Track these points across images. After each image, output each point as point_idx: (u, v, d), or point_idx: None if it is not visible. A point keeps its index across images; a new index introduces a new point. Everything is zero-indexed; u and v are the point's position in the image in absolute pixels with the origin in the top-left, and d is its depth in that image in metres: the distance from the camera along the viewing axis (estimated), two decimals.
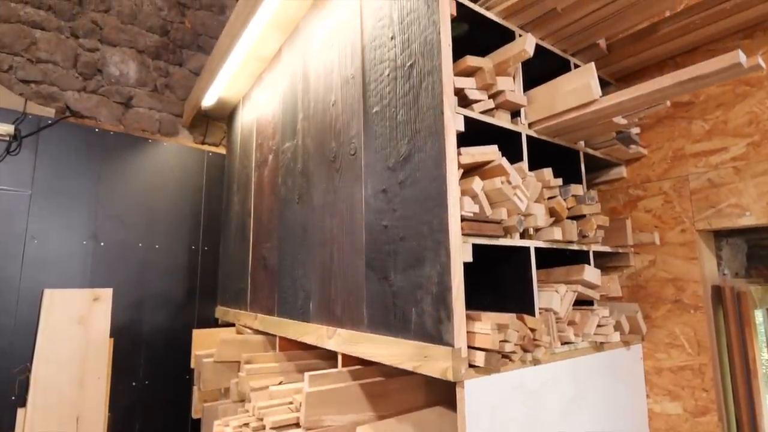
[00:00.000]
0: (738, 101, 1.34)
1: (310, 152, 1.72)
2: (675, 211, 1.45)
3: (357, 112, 1.40)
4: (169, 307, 2.53)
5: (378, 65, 1.32)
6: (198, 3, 3.03)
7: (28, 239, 2.16)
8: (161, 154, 2.63)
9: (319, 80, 1.68)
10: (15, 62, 2.33)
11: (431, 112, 1.09)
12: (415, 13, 1.18)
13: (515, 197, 1.08)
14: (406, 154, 1.16)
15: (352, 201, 1.39)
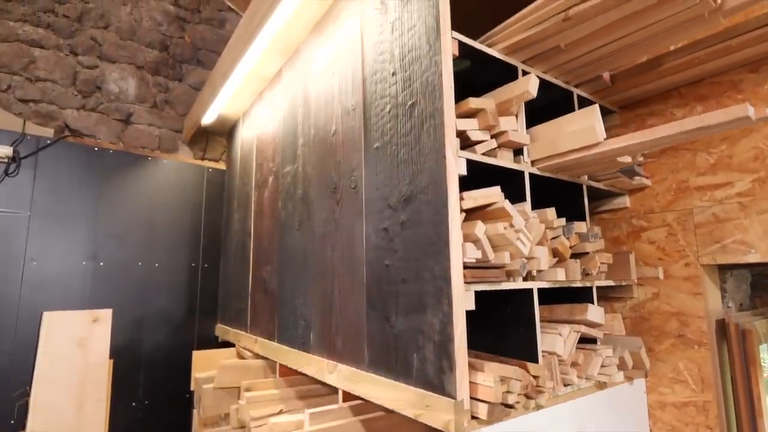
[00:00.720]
0: (743, 136, 1.33)
1: (310, 179, 1.70)
2: (679, 244, 1.44)
3: (358, 145, 1.39)
4: (168, 326, 2.52)
5: (379, 100, 1.30)
6: (198, 17, 3.01)
7: (27, 261, 2.15)
8: (161, 171, 2.62)
9: (320, 107, 1.67)
10: (14, 81, 2.32)
11: (433, 155, 1.08)
12: (416, 51, 1.16)
13: (518, 242, 1.07)
14: (407, 195, 1.15)
15: (353, 235, 1.38)
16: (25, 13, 2.38)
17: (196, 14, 3.00)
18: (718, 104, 1.38)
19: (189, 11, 2.97)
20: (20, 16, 2.36)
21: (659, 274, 1.43)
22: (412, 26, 1.19)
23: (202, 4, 3.04)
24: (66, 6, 2.51)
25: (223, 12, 3.14)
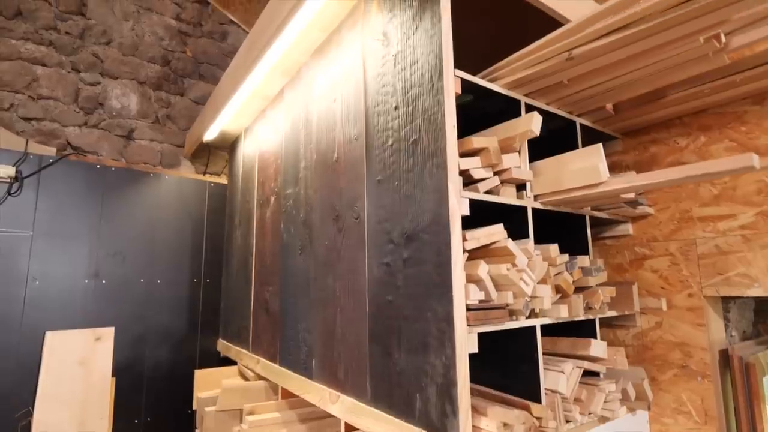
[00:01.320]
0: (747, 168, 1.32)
1: (312, 204, 1.70)
2: (682, 274, 1.44)
3: (360, 176, 1.38)
4: (171, 342, 2.53)
5: (381, 132, 1.30)
6: (199, 31, 3.02)
7: (30, 280, 2.15)
8: (163, 187, 2.62)
9: (322, 132, 1.67)
10: (16, 100, 2.32)
11: (436, 195, 1.07)
12: (419, 88, 1.16)
13: (521, 282, 1.07)
14: (410, 232, 1.15)
15: (355, 265, 1.38)
16: (28, 31, 2.38)
17: (197, 28, 3.00)
18: (722, 135, 1.38)
19: (191, 25, 2.97)
20: (23, 35, 2.37)
21: (662, 305, 1.43)
22: (415, 62, 1.19)
23: (204, 17, 3.04)
24: (68, 23, 2.51)
25: (225, 25, 3.14)
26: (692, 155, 1.44)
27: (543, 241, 1.50)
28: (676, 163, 1.48)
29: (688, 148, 1.46)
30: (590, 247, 1.40)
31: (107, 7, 2.65)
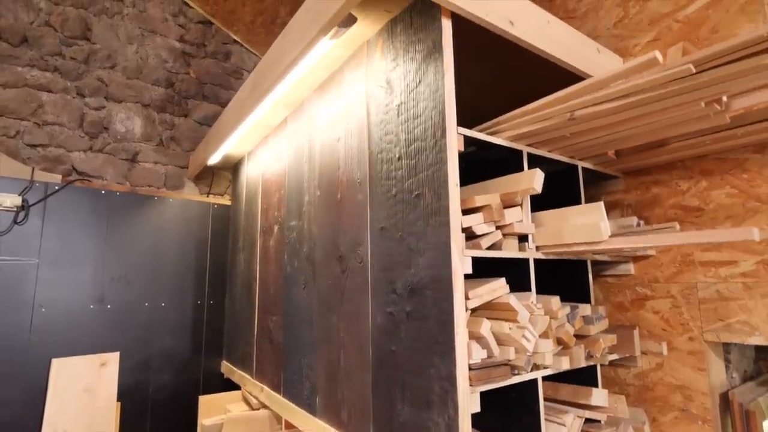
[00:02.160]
0: (748, 216, 1.33)
1: (316, 241, 1.71)
2: (683, 317, 1.45)
3: (363, 221, 1.40)
4: (175, 365, 2.55)
5: (385, 180, 1.31)
6: (203, 51, 3.03)
7: (36, 308, 2.17)
8: (167, 210, 2.64)
9: (325, 169, 1.68)
10: (22, 127, 2.34)
11: (438, 252, 1.09)
12: (422, 142, 1.17)
13: (523, 339, 1.08)
14: (413, 285, 1.16)
15: (359, 310, 1.39)
16: (33, 57, 2.40)
17: (201, 49, 3.02)
18: (723, 181, 1.39)
19: (194, 46, 2.99)
20: (28, 61, 2.39)
21: (663, 350, 1.44)
22: (418, 115, 1.20)
23: (207, 38, 3.06)
24: (73, 48, 2.53)
25: (228, 45, 3.16)
26: (693, 199, 1.45)
27: (545, 283, 1.52)
28: (677, 206, 1.49)
29: (689, 191, 1.46)
30: (591, 292, 1.41)
31: (112, 31, 2.67)
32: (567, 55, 1.40)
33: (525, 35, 1.26)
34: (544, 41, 1.32)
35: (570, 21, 1.88)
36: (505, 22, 1.22)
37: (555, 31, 1.38)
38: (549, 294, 1.53)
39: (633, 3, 1.66)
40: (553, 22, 1.39)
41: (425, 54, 1.19)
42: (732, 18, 1.40)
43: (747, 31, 1.35)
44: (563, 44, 1.40)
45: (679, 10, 1.53)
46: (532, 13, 1.33)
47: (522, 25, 1.27)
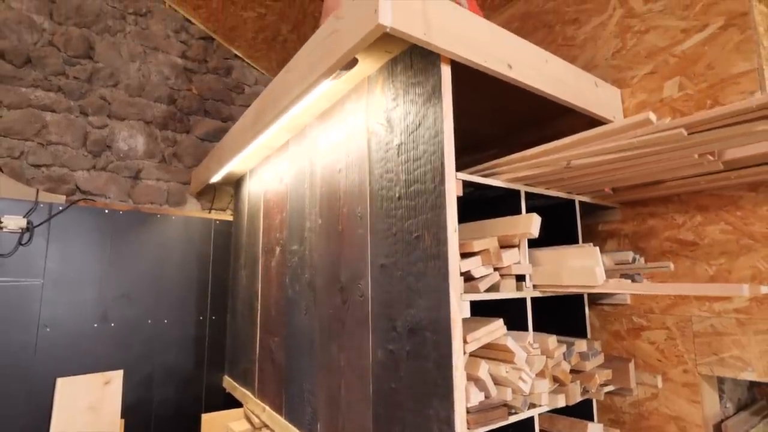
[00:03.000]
0: (742, 253, 1.35)
1: (317, 268, 1.74)
2: (678, 349, 1.47)
3: (364, 256, 1.42)
4: (178, 380, 2.58)
5: (385, 218, 1.34)
6: (204, 67, 3.05)
7: (41, 328, 2.20)
8: (169, 227, 2.66)
9: (325, 198, 1.70)
10: (26, 147, 2.37)
11: (437, 295, 1.11)
12: (422, 185, 1.20)
13: (520, 381, 1.11)
14: (412, 326, 1.19)
15: (360, 343, 1.42)
16: (37, 78, 2.42)
17: (202, 65, 3.04)
18: (718, 217, 1.41)
19: (196, 62, 3.01)
20: (32, 82, 2.41)
21: (658, 382, 1.46)
22: (418, 158, 1.22)
23: (209, 54, 3.07)
24: (76, 68, 2.55)
25: (229, 60, 3.18)
26: (689, 233, 1.47)
27: (541, 313, 1.54)
28: (672, 239, 1.51)
29: (684, 225, 1.49)
30: (588, 323, 1.44)
31: (114, 50, 2.69)
32: (564, 93, 1.42)
33: (523, 77, 1.29)
34: (541, 81, 1.34)
35: (569, 48, 1.91)
36: (504, 66, 1.24)
37: (553, 68, 1.41)
38: (545, 324, 1.56)
39: (630, 35, 1.68)
40: (551, 60, 1.41)
41: (425, 98, 1.21)
42: (727, 56, 1.42)
43: (741, 71, 1.38)
44: (561, 81, 1.42)
45: (675, 45, 1.55)
46: (530, 52, 1.35)
47: (520, 66, 1.29)
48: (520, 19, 2.16)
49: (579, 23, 1.88)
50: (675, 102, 1.53)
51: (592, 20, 1.83)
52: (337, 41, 1.19)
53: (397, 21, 1.02)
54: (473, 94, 1.57)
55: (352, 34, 1.11)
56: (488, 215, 1.33)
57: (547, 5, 2.03)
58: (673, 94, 1.54)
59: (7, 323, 2.12)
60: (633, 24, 1.68)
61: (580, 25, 1.87)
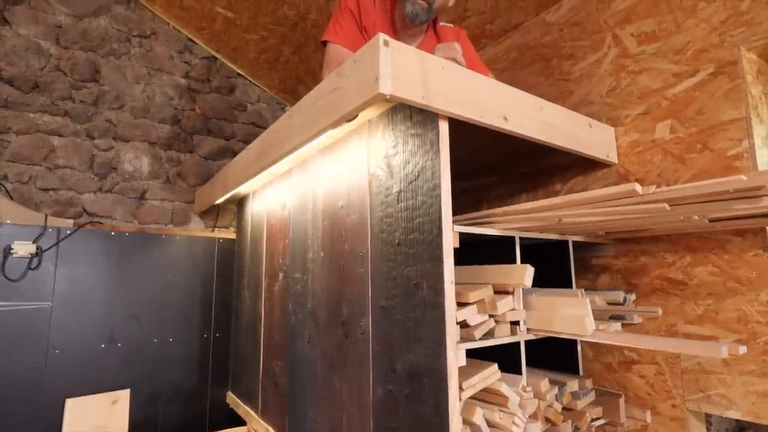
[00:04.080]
0: (729, 295, 1.41)
1: (319, 300, 1.79)
2: (667, 384, 1.53)
3: (365, 295, 1.47)
4: (183, 397, 2.64)
5: (386, 261, 1.39)
6: (207, 86, 3.10)
7: (50, 350, 2.26)
8: (174, 247, 2.72)
9: (327, 233, 1.75)
10: (34, 171, 2.42)
11: (434, 344, 1.17)
12: (420, 235, 1.25)
13: (513, 425, 1.16)
14: (410, 369, 1.24)
15: (361, 380, 1.47)
16: (44, 103, 2.47)
17: (206, 84, 3.09)
18: (706, 259, 1.46)
19: (199, 82, 3.05)
20: (40, 107, 2.46)
21: (647, 418, 1.52)
22: (417, 208, 1.27)
23: (212, 73, 3.12)
24: (82, 91, 2.60)
25: (232, 78, 3.22)
26: (678, 272, 1.53)
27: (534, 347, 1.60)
28: (663, 277, 1.56)
29: (674, 265, 1.54)
30: (580, 362, 1.50)
31: (119, 72, 2.73)
32: (558, 138, 1.47)
33: (518, 127, 1.34)
34: (536, 129, 1.39)
35: (565, 83, 1.95)
36: (500, 119, 1.29)
37: (548, 115, 1.45)
38: (539, 358, 1.61)
39: (625, 75, 1.73)
40: (546, 107, 1.46)
41: (423, 150, 1.26)
42: (716, 103, 1.47)
43: (730, 119, 1.43)
44: (555, 127, 1.47)
45: (668, 88, 1.59)
46: (525, 102, 1.40)
47: (515, 117, 1.34)
48: (518, 50, 2.21)
49: (575, 59, 1.92)
50: (666, 144, 1.58)
51: (588, 57, 1.87)
52: (339, 98, 1.24)
53: (396, 89, 1.07)
54: (471, 132, 1.62)
55: (354, 96, 1.16)
56: (485, 253, 1.39)
57: (544, 39, 2.07)
58: (665, 136, 1.59)
59: (18, 346, 2.18)
60: (627, 64, 1.72)
61: (576, 61, 1.92)
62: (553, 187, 1.96)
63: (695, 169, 1.50)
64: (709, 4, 1.50)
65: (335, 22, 1.59)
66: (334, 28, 1.57)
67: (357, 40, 1.55)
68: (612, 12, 1.79)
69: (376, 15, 1.60)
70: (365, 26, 1.58)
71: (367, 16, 1.58)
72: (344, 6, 1.58)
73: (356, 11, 1.57)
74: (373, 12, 1.59)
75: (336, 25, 1.57)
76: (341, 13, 1.58)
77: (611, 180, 1.74)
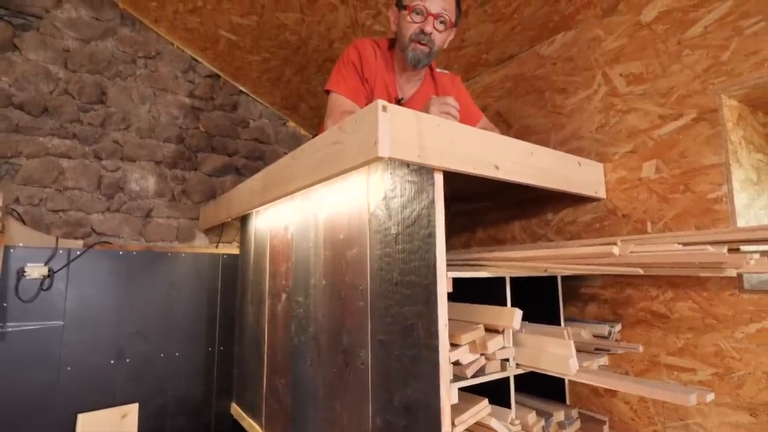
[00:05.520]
0: (707, 331, 1.49)
1: (321, 326, 1.88)
2: (649, 411, 1.62)
3: (365, 328, 1.56)
4: (189, 410, 2.74)
5: (384, 299, 1.47)
6: (211, 104, 3.17)
7: (62, 367, 2.36)
8: (179, 264, 2.80)
9: (329, 263, 1.84)
10: (45, 194, 2.50)
11: (429, 382, 1.25)
12: (416, 278, 1.33)
13: None
14: (407, 404, 1.33)
15: (360, 407, 1.56)
16: (53, 127, 2.55)
17: (209, 102, 3.16)
18: (686, 295, 1.55)
19: (203, 100, 3.13)
20: (49, 131, 2.53)
21: None
22: (413, 252, 1.36)
23: (215, 91, 3.19)
24: (90, 114, 2.67)
25: (234, 96, 3.29)
26: (661, 306, 1.61)
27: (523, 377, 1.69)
28: (647, 309, 1.65)
29: (657, 298, 1.63)
30: (567, 392, 1.59)
31: (125, 94, 2.81)
32: (548, 181, 1.55)
33: (509, 174, 1.42)
34: (526, 174, 1.48)
35: (557, 116, 2.03)
36: (491, 168, 1.37)
37: (538, 159, 1.53)
38: (528, 384, 1.70)
39: (614, 113, 1.80)
40: (536, 151, 1.54)
41: (420, 199, 1.34)
42: (698, 147, 1.55)
43: (711, 164, 1.51)
44: (545, 170, 1.55)
45: (653, 129, 1.67)
46: (516, 149, 1.48)
47: (506, 164, 1.42)
48: (513, 80, 2.28)
49: (567, 93, 2.00)
50: (652, 183, 1.66)
51: (579, 93, 1.95)
52: (340, 152, 1.32)
53: (394, 151, 1.15)
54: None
55: (354, 153, 1.24)
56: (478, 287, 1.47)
57: (538, 71, 2.14)
58: (650, 176, 1.67)
59: (31, 364, 2.27)
60: (616, 103, 1.80)
61: (567, 96, 1.99)
62: (545, 216, 2.05)
63: (678, 209, 1.58)
64: (693, 52, 1.58)
65: (338, 73, 1.66)
66: (337, 79, 1.65)
67: (358, 91, 1.63)
68: (602, 51, 1.87)
69: (378, 66, 1.67)
70: (367, 77, 1.65)
71: (369, 67, 1.66)
72: (346, 58, 1.66)
73: (358, 63, 1.65)
74: (375, 63, 1.67)
75: (339, 76, 1.65)
76: (344, 65, 1.65)
77: (600, 212, 1.83)
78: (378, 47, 1.74)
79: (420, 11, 1.58)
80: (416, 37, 1.60)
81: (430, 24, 1.59)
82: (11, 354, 2.24)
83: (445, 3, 1.60)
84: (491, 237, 2.34)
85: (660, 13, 1.68)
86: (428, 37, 1.60)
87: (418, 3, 1.57)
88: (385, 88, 1.72)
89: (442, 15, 1.59)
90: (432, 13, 1.57)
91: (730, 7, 1.49)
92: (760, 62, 1.42)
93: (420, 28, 1.59)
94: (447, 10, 1.60)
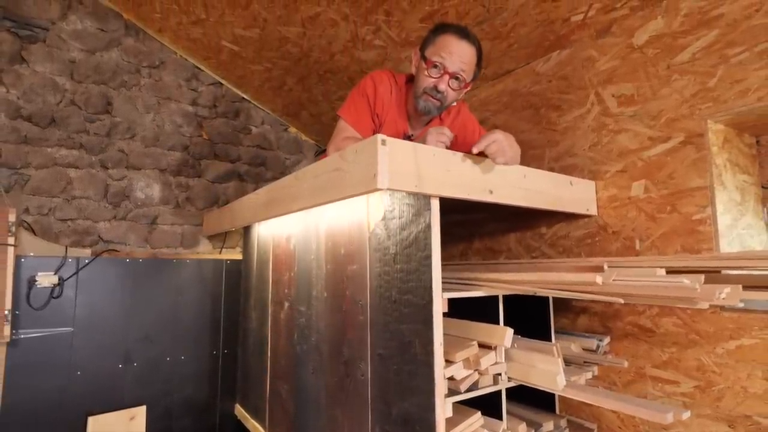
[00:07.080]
0: (690, 346, 1.57)
1: (323, 336, 1.96)
2: (635, 420, 1.70)
3: (365, 342, 1.64)
4: (194, 412, 2.83)
5: (383, 315, 1.55)
6: (214, 112, 3.22)
7: (72, 371, 2.44)
8: (184, 271, 2.88)
9: (330, 277, 1.91)
10: (53, 203, 2.57)
11: (425, 396, 1.33)
12: (413, 297, 1.41)
13: None
14: (405, 416, 1.41)
15: (360, 418, 1.64)
16: (61, 137, 2.61)
17: (212, 110, 3.21)
18: (671, 311, 1.62)
19: (206, 108, 3.18)
20: (57, 142, 2.59)
21: None
22: (410, 272, 1.43)
23: (218, 98, 3.24)
24: (96, 124, 2.73)
25: (237, 103, 3.35)
26: (647, 320, 1.69)
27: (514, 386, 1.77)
28: (634, 323, 1.72)
29: (644, 313, 1.70)
30: (557, 400, 1.67)
31: (131, 103, 2.86)
32: (541, 201, 1.62)
33: (503, 198, 1.49)
34: (520, 197, 1.54)
35: (552, 133, 2.09)
36: (485, 193, 1.44)
37: (531, 181, 1.60)
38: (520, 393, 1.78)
39: (605, 132, 1.87)
40: (529, 174, 1.60)
41: (417, 222, 1.41)
42: (685, 170, 1.61)
43: (696, 186, 1.57)
44: (538, 191, 1.62)
45: (643, 150, 1.73)
46: (510, 173, 1.54)
47: (500, 189, 1.49)
48: (509, 95, 2.34)
49: (561, 111, 2.06)
50: (641, 202, 1.73)
51: (573, 111, 2.01)
52: (341, 179, 1.38)
53: (393, 183, 1.21)
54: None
55: (355, 183, 1.30)
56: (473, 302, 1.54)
57: (533, 88, 2.20)
58: (639, 195, 1.73)
59: (43, 369, 2.36)
60: (608, 122, 1.86)
61: (562, 113, 2.05)
62: (540, 229, 2.12)
63: (665, 228, 1.65)
64: (682, 77, 1.63)
65: (351, 101, 1.71)
66: (349, 107, 1.71)
67: (366, 123, 1.69)
68: (595, 71, 1.92)
69: (392, 103, 1.72)
70: (378, 113, 1.70)
71: (382, 103, 1.70)
72: (362, 89, 1.71)
73: (372, 97, 1.70)
74: (389, 100, 1.72)
75: (351, 104, 1.71)
76: (358, 95, 1.71)
77: (592, 228, 1.90)
78: (395, 82, 1.77)
79: (438, 67, 1.61)
80: (430, 91, 1.63)
81: (444, 82, 1.61)
82: (24, 359, 2.33)
83: (465, 63, 1.59)
84: (488, 248, 2.41)
85: (651, 37, 1.73)
86: (441, 94, 1.63)
87: (439, 59, 1.57)
88: (395, 123, 1.76)
89: (459, 74, 1.61)
90: (449, 71, 1.60)
91: (717, 36, 1.54)
92: (744, 90, 1.48)
93: (435, 84, 1.62)
94: (465, 71, 1.62)
